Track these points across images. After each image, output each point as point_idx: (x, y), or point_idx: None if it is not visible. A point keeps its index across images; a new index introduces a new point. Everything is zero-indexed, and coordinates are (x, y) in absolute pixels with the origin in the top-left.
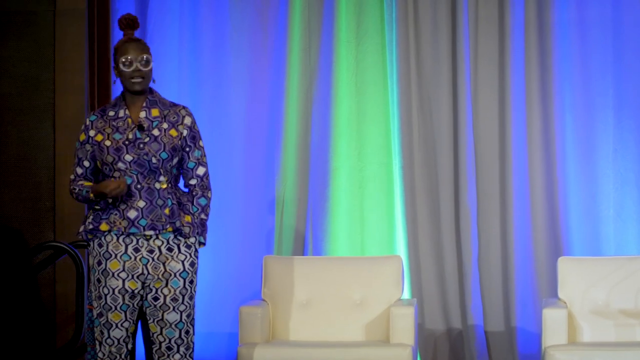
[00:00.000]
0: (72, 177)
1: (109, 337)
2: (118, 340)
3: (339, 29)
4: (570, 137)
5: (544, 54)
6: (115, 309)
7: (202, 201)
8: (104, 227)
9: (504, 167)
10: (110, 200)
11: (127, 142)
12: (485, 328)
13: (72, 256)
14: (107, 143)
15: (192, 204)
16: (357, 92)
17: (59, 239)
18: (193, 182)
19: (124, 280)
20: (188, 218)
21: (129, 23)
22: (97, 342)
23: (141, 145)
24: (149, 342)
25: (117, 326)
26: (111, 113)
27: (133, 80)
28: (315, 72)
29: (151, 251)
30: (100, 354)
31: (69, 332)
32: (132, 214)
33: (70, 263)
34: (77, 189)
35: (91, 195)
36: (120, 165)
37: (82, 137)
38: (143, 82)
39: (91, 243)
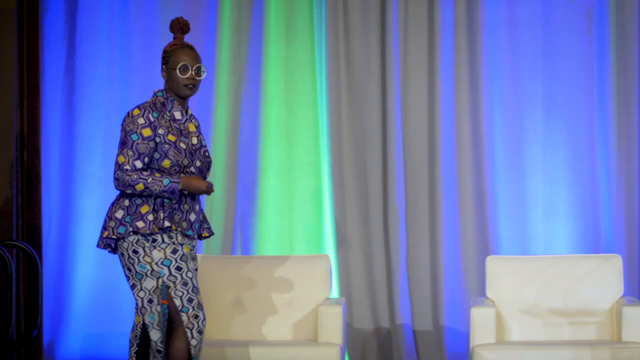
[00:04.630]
0: (127, 167)
1: (204, 319)
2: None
3: (268, 29)
4: (499, 136)
5: (474, 53)
6: (199, 290)
7: None
8: (170, 225)
9: (433, 166)
10: (174, 200)
11: (194, 148)
12: (413, 327)
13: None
14: (182, 146)
15: None
16: (287, 92)
17: None
18: None
19: (195, 262)
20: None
21: (182, 27)
22: (187, 330)
23: (206, 154)
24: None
25: (203, 307)
26: (169, 114)
27: (186, 87)
28: (244, 71)
29: (191, 249)
30: (194, 341)
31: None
32: (192, 216)
33: None
34: (151, 179)
35: (180, 186)
36: (192, 169)
37: (148, 132)
38: (194, 89)
39: (157, 238)
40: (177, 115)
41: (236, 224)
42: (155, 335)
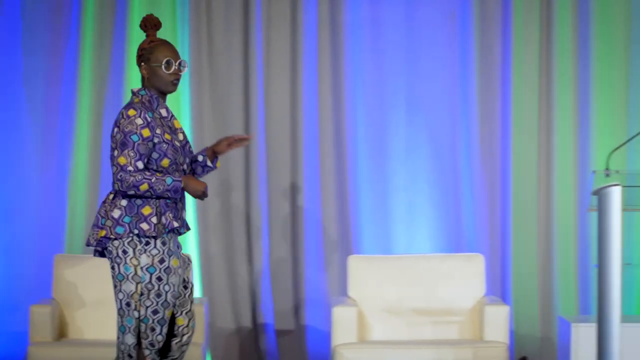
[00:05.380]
0: (130, 168)
1: (160, 333)
2: (165, 336)
3: (131, 27)
4: (362, 136)
5: (337, 53)
6: (172, 305)
7: None
8: (176, 224)
9: (296, 165)
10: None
11: (181, 145)
12: (275, 327)
13: None
14: (177, 143)
15: None
16: None
17: None
18: None
19: (180, 277)
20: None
21: (156, 24)
22: (143, 339)
23: (190, 150)
24: (170, 335)
25: (167, 323)
26: (157, 112)
27: (171, 83)
28: (107, 71)
29: (179, 245)
30: (146, 351)
31: None
32: (184, 214)
33: None
34: (154, 179)
35: (182, 186)
36: (185, 166)
37: (147, 132)
38: (177, 84)
39: (151, 241)
40: (164, 112)
41: None
42: (129, 339)
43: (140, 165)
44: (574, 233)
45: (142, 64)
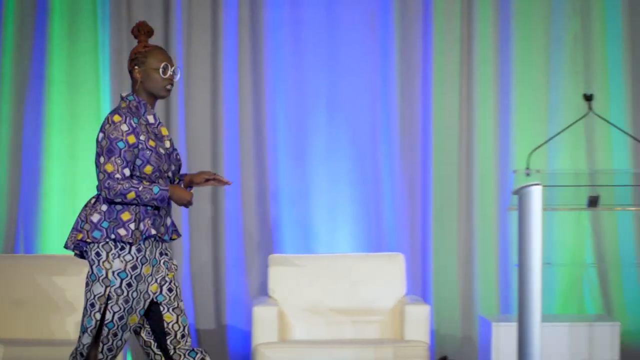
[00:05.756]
0: (118, 176)
1: (120, 339)
2: (125, 341)
3: (51, 28)
4: (282, 136)
5: (257, 52)
6: (135, 312)
7: None
8: (154, 232)
9: (217, 166)
10: (151, 206)
11: (167, 152)
12: (196, 326)
13: None
14: (162, 151)
15: None
16: (70, 92)
17: None
18: None
19: (148, 285)
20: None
21: (149, 31)
22: (101, 344)
23: (177, 157)
24: (162, 335)
25: (129, 329)
26: (143, 118)
27: (165, 88)
28: (27, 72)
29: (166, 252)
30: (101, 355)
31: None
32: (168, 221)
33: None
34: (142, 187)
35: (169, 195)
36: (170, 174)
37: (133, 139)
38: (170, 90)
39: (126, 247)
40: (151, 119)
41: (19, 223)
42: (86, 339)
43: (127, 172)
44: (495, 232)
45: (136, 67)
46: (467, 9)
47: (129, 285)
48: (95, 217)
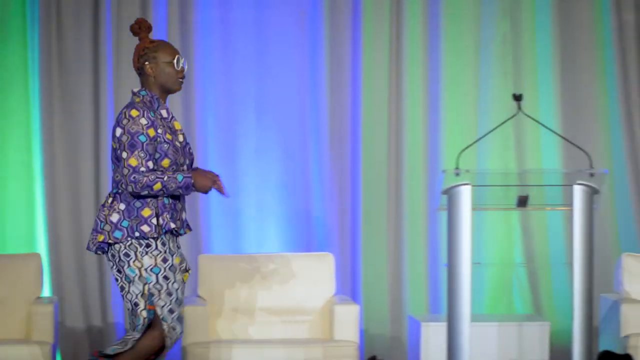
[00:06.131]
0: (143, 169)
1: (182, 331)
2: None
3: None
4: (211, 136)
5: (186, 53)
6: (182, 303)
7: None
8: (173, 225)
9: None
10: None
11: (181, 146)
12: (125, 325)
13: None
14: (178, 144)
15: None
16: None
17: None
18: None
19: (182, 274)
20: None
21: (149, 27)
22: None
23: (190, 151)
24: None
25: (183, 320)
26: (157, 112)
27: (179, 80)
28: None
29: (179, 246)
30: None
31: None
32: (183, 215)
33: None
34: (166, 177)
35: (193, 182)
36: (185, 168)
37: (153, 132)
38: (182, 82)
39: (152, 243)
40: (164, 113)
41: None
42: (136, 335)
43: (151, 165)
44: (424, 232)
45: (147, 63)
46: (396, 9)
47: (166, 277)
48: (114, 217)
